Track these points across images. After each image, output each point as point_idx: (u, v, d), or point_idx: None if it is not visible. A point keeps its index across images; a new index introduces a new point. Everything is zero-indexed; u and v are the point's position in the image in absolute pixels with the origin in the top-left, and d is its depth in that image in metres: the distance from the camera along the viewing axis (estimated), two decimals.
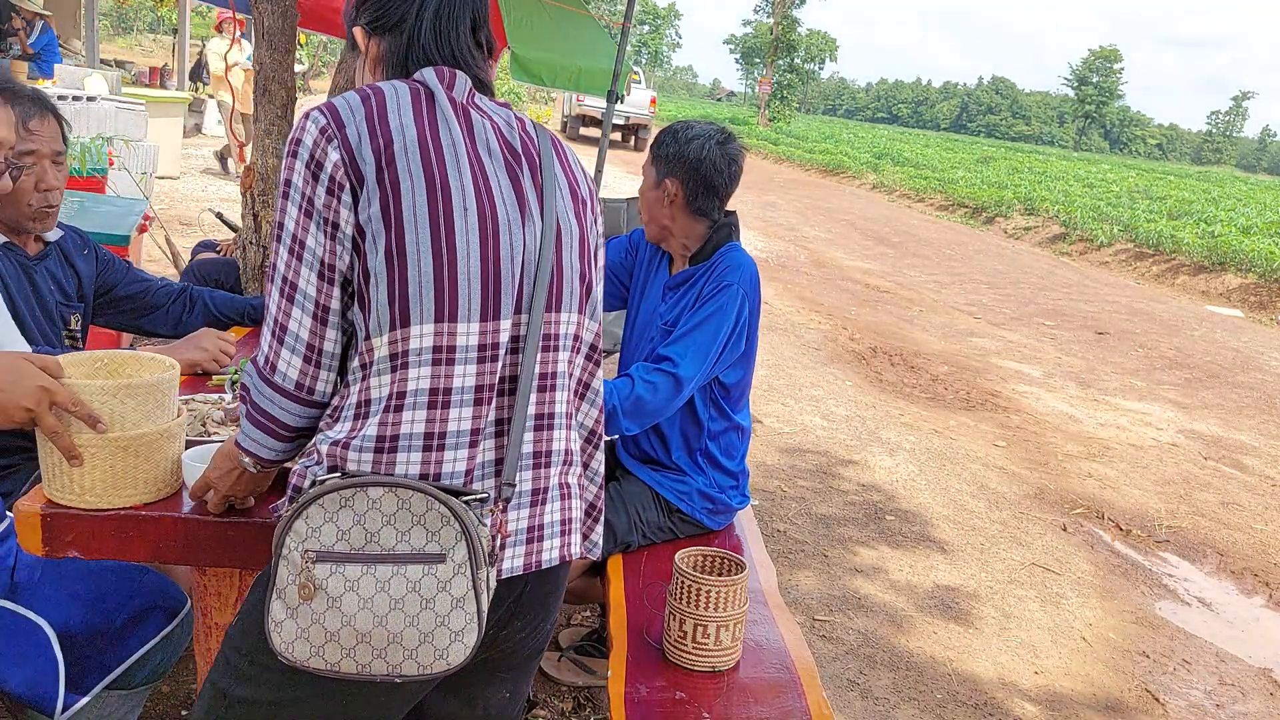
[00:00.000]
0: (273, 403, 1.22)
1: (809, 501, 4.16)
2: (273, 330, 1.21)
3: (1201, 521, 4.59)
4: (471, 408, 1.20)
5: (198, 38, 21.89)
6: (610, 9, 45.51)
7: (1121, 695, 3.02)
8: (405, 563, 1.11)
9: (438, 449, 1.18)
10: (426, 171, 1.17)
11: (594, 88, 5.32)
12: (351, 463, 1.16)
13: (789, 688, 1.81)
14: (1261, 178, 62.20)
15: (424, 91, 1.24)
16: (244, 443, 1.27)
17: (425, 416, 1.17)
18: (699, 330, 2.16)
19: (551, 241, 1.26)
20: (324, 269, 1.18)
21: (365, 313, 1.18)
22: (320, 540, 1.11)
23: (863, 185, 23.05)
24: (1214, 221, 15.58)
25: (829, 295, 9.02)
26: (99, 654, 1.71)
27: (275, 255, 1.20)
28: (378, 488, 1.11)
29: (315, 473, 1.17)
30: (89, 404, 1.39)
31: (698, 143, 2.23)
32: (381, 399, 1.17)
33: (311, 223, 1.18)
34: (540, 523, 1.30)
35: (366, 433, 1.17)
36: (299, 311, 1.19)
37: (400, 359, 1.16)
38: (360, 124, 1.18)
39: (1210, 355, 8.36)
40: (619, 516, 2.27)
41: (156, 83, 15.91)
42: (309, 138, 1.18)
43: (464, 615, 1.12)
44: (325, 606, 1.10)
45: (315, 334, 1.20)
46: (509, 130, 1.30)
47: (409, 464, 1.17)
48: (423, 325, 1.16)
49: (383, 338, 1.17)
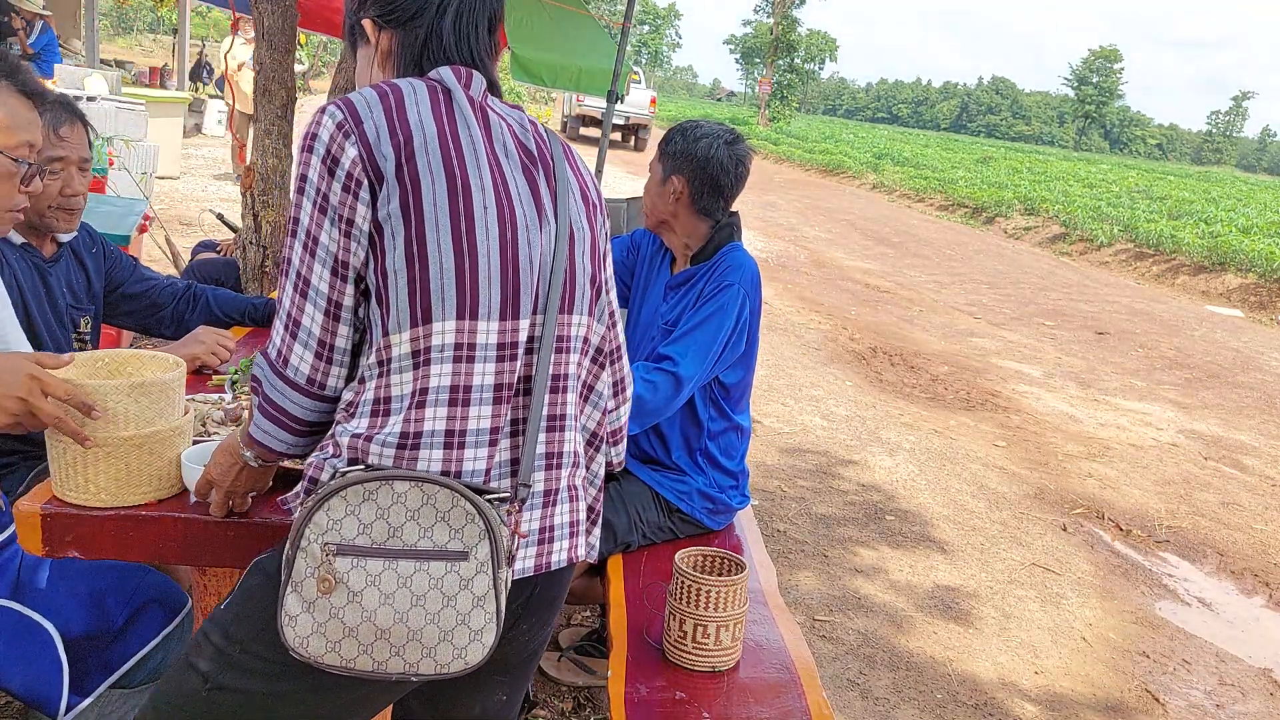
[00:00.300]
0: (284, 396, 1.21)
1: (809, 501, 4.16)
2: (286, 324, 1.20)
3: (1201, 521, 4.59)
4: (491, 406, 1.20)
5: (198, 38, 21.91)
6: (610, 9, 45.50)
7: (1121, 695, 3.02)
8: (429, 559, 1.10)
9: (459, 446, 1.18)
10: (447, 169, 1.17)
11: (594, 88, 5.32)
12: (374, 456, 1.15)
13: (789, 688, 1.81)
14: (1261, 178, 62.19)
15: (441, 89, 1.23)
16: (255, 434, 1.25)
17: (447, 414, 1.17)
18: (699, 330, 2.16)
19: (565, 244, 1.26)
20: (338, 265, 1.17)
21: (384, 310, 1.17)
22: (341, 533, 1.09)
23: (863, 185, 23.05)
24: (1214, 221, 15.58)
25: (829, 295, 9.02)
26: (101, 654, 1.72)
27: (289, 250, 1.19)
28: (403, 481, 1.11)
29: (335, 465, 1.16)
30: (81, 392, 1.38)
31: (706, 142, 2.23)
32: (405, 395, 1.16)
33: (327, 219, 1.16)
34: (551, 524, 1.30)
35: (391, 429, 1.16)
36: (312, 307, 1.18)
37: (423, 355, 1.16)
38: (379, 119, 1.17)
39: (1210, 355, 8.36)
40: (619, 516, 2.27)
41: (156, 83, 15.92)
42: (325, 132, 1.17)
43: (484, 614, 1.11)
44: (345, 601, 1.09)
45: (328, 330, 1.19)
46: (523, 133, 1.30)
47: (431, 460, 1.17)
48: (444, 322, 1.16)
49: (403, 334, 1.16)
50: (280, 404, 1.22)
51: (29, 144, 1.62)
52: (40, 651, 1.65)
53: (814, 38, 59.10)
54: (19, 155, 1.60)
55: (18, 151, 1.60)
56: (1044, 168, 29.63)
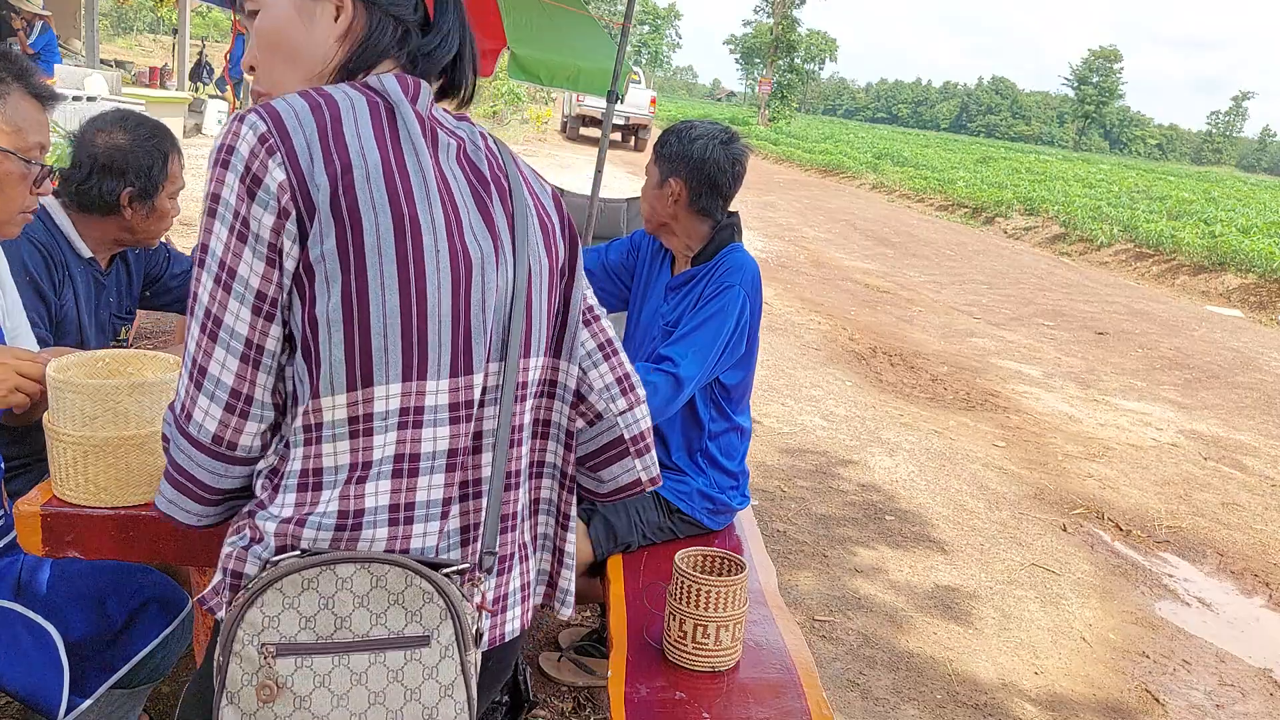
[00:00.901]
0: (189, 458, 1.02)
1: (809, 501, 4.16)
2: (190, 373, 1.00)
3: (1201, 521, 4.59)
4: (443, 474, 1.05)
5: (198, 38, 21.91)
6: (610, 9, 45.51)
7: (1121, 695, 3.02)
8: (384, 649, 0.98)
9: (405, 522, 1.04)
10: (393, 205, 0.99)
11: (593, 88, 5.32)
12: (307, 541, 1.00)
13: (789, 688, 1.81)
14: (1261, 178, 62.21)
15: (383, 105, 1.05)
16: (159, 503, 1.07)
17: (391, 486, 1.02)
18: (700, 331, 2.16)
19: (524, 280, 1.11)
20: (259, 301, 0.98)
21: (312, 366, 0.99)
22: (280, 630, 0.95)
23: (862, 185, 23.06)
24: (1214, 221, 15.59)
25: (829, 295, 9.02)
26: (102, 655, 1.72)
27: (196, 284, 1.00)
28: (348, 564, 0.97)
29: (260, 554, 1.01)
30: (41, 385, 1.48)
31: (702, 142, 2.23)
32: (341, 468, 1.00)
33: (246, 247, 0.97)
34: (505, 592, 1.17)
35: (325, 508, 1.00)
36: (223, 351, 0.98)
37: (362, 423, 1.00)
38: (310, 137, 0.98)
39: (1210, 355, 8.36)
40: (619, 516, 2.27)
41: (156, 83, 15.93)
42: (245, 146, 0.98)
43: (454, 705, 0.99)
44: (291, 709, 0.95)
45: (242, 378, 0.99)
46: (475, 151, 1.12)
47: (375, 540, 1.02)
48: (389, 385, 1.00)
49: (338, 398, 0.99)
50: (185, 467, 1.03)
51: (40, 146, 1.63)
52: (41, 653, 1.65)
53: (814, 38, 59.16)
54: (31, 157, 1.61)
55: (30, 154, 1.60)
56: (1044, 168, 29.64)
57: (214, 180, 0.99)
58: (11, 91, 1.57)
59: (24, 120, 1.59)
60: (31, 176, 1.62)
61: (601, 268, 2.48)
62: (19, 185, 1.60)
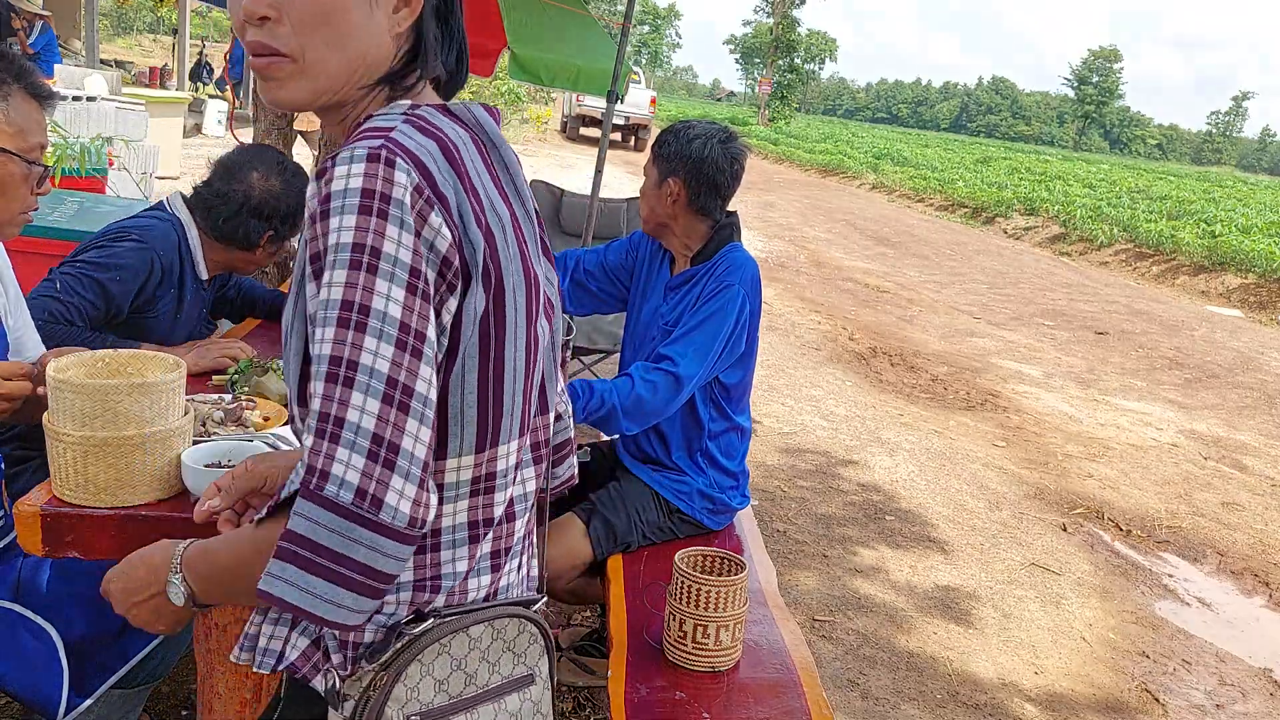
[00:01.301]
0: (373, 549, 0.85)
1: (809, 501, 4.16)
2: (370, 452, 0.84)
3: (1201, 521, 4.59)
4: (529, 514, 1.07)
5: (198, 38, 21.91)
6: (610, 9, 45.50)
7: (1121, 695, 3.02)
8: (502, 695, 1.00)
9: (496, 569, 1.03)
10: (524, 265, 0.96)
11: (593, 88, 5.31)
12: (437, 604, 0.98)
13: (789, 688, 1.81)
14: (1261, 178, 62.14)
15: (487, 141, 0.98)
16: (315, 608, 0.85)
17: (494, 534, 1.02)
18: (699, 330, 2.16)
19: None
20: (435, 363, 0.90)
21: (441, 427, 0.93)
22: (420, 700, 0.95)
23: (862, 185, 23.06)
24: (1214, 221, 15.57)
25: (829, 295, 9.02)
26: (102, 655, 1.72)
27: (356, 350, 0.84)
28: (478, 624, 0.97)
29: (383, 621, 0.96)
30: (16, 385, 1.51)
31: (700, 142, 2.23)
32: (459, 527, 0.97)
33: (430, 306, 0.88)
34: None
35: (453, 569, 0.97)
36: (415, 423, 0.86)
37: (484, 482, 0.97)
38: (457, 190, 0.90)
39: (1210, 355, 8.36)
40: (619, 516, 2.27)
41: (156, 83, 15.93)
42: (402, 194, 0.85)
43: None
44: None
45: (428, 448, 0.88)
46: (517, 167, 1.05)
47: (478, 589, 1.01)
48: (510, 443, 0.97)
49: (466, 459, 0.95)
50: (363, 561, 0.85)
51: (41, 146, 1.63)
52: (42, 653, 1.65)
53: (814, 38, 59.19)
54: (32, 158, 1.61)
55: (31, 154, 1.61)
56: (1044, 168, 29.62)
57: (370, 231, 0.85)
58: (13, 92, 1.58)
59: (25, 121, 1.59)
60: (33, 177, 1.62)
61: (601, 268, 2.48)
62: (20, 186, 1.61)
